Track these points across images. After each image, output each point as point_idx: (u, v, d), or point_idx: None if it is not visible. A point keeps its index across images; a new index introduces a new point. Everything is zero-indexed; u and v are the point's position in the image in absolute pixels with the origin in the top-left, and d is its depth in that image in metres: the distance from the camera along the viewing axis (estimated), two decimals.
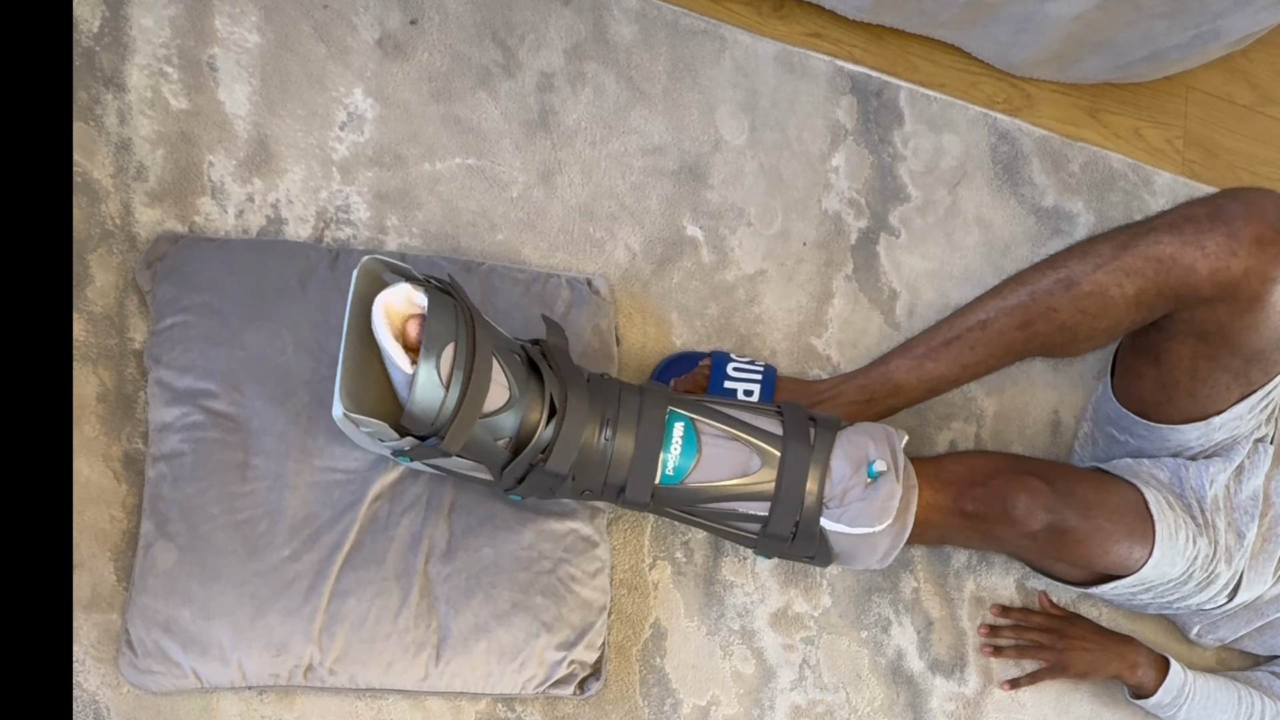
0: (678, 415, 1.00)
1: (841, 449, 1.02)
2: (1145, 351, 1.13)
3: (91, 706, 0.96)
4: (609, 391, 0.98)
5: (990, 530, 1.06)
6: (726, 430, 1.00)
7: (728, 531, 1.04)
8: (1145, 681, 1.21)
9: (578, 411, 0.94)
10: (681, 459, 0.99)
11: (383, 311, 0.90)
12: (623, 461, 0.97)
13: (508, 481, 0.96)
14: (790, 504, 1.00)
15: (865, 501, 1.00)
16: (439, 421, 0.89)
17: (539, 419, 0.93)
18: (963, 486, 1.06)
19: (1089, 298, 1.06)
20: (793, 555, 1.05)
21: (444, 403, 0.88)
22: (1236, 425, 1.12)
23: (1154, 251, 1.02)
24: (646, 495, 0.99)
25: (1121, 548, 1.08)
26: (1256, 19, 1.28)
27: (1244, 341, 1.03)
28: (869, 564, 1.05)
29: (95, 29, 1.05)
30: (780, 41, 1.29)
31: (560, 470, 0.95)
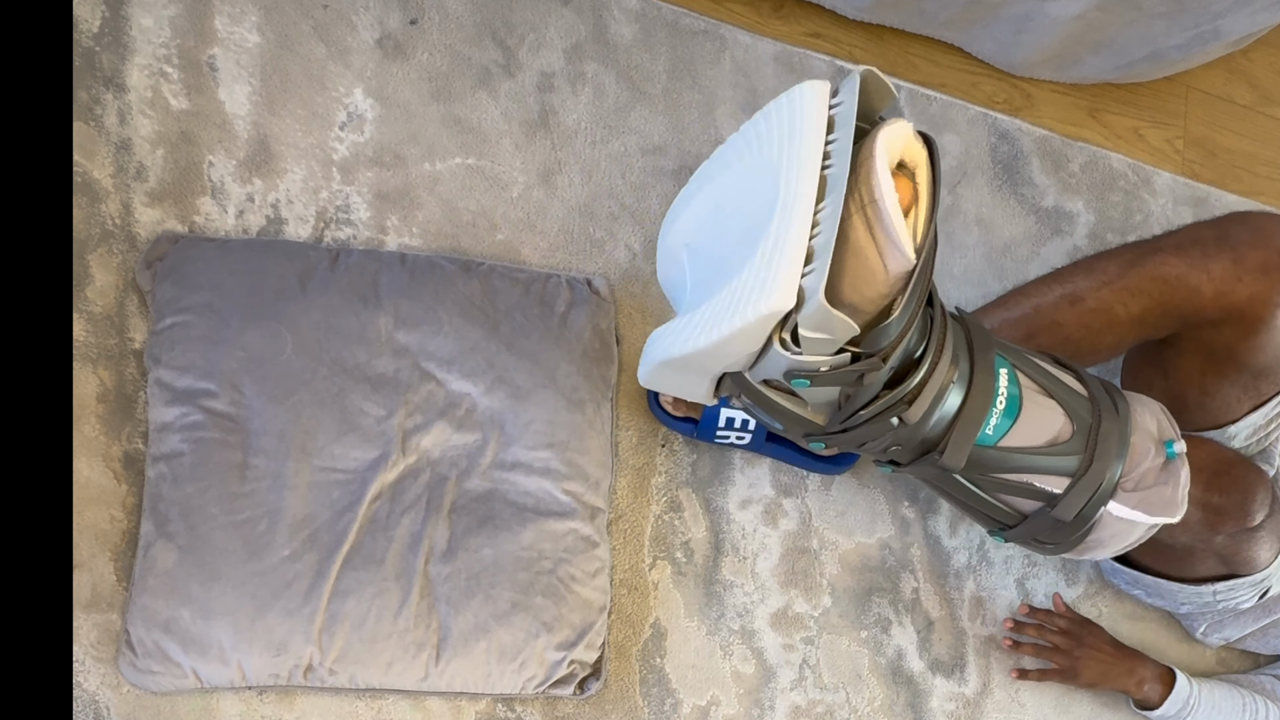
0: (1002, 360, 0.85)
1: (1142, 422, 0.90)
2: (1154, 364, 1.13)
3: (91, 706, 0.96)
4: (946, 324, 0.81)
5: (1220, 525, 0.99)
6: (1042, 386, 0.87)
7: (987, 508, 0.91)
8: (1151, 696, 1.21)
9: (948, 353, 0.79)
10: (1003, 417, 0.83)
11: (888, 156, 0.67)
12: (949, 414, 0.81)
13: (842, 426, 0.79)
14: (1091, 483, 0.87)
15: (1165, 486, 0.89)
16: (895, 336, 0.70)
17: (919, 355, 0.77)
18: (1211, 475, 0.98)
19: (1094, 314, 1.06)
20: (1042, 540, 0.93)
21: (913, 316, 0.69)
22: (1254, 433, 1.12)
23: (1160, 272, 1.01)
24: (964, 459, 0.83)
25: (1270, 544, 1.05)
26: (1256, 19, 1.28)
27: (1250, 360, 1.03)
28: (1108, 554, 0.94)
29: (95, 29, 1.05)
30: (780, 41, 1.29)
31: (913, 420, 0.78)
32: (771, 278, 0.65)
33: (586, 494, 1.07)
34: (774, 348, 0.70)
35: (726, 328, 0.69)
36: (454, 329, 1.05)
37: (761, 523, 1.18)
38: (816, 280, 0.65)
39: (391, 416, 1.02)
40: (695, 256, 0.81)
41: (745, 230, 0.72)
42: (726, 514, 1.17)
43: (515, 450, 1.05)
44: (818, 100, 0.69)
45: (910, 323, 0.70)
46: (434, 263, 1.08)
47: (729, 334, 0.69)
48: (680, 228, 0.83)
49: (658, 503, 1.15)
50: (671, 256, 0.85)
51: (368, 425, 1.01)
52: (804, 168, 0.66)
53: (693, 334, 0.73)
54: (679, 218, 0.84)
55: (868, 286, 0.70)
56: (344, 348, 1.01)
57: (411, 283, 1.05)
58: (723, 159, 0.79)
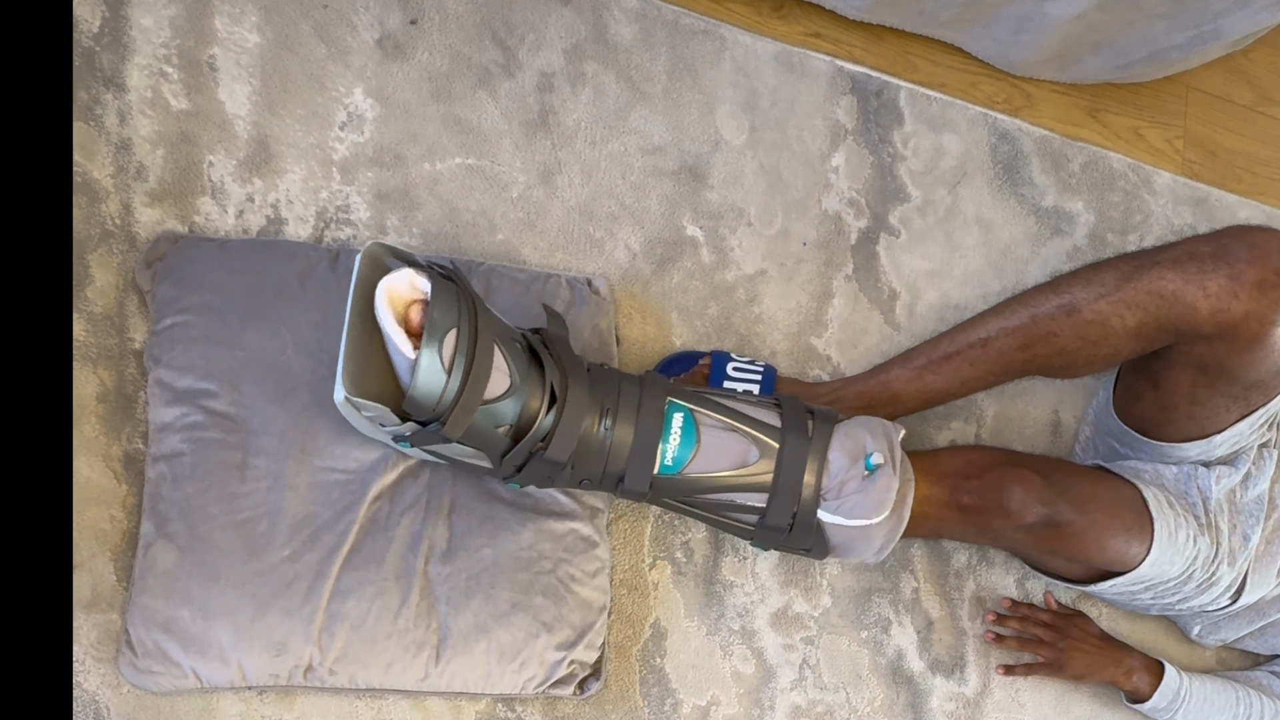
0: (677, 405, 1.00)
1: (839, 441, 1.02)
2: (1145, 375, 1.14)
3: (91, 706, 0.96)
4: (609, 381, 0.99)
5: (986, 523, 1.07)
6: (725, 421, 1.00)
7: (725, 523, 1.04)
8: (1140, 687, 1.22)
9: (578, 400, 0.95)
10: (680, 449, 0.99)
11: (386, 296, 0.90)
12: (622, 451, 0.98)
13: (506, 469, 0.96)
14: (788, 495, 1.00)
15: (862, 494, 1.00)
16: (440, 407, 0.89)
17: (539, 407, 0.93)
18: (958, 479, 1.06)
19: (1090, 325, 1.07)
20: (789, 547, 1.05)
21: (446, 388, 0.88)
22: (1237, 440, 1.13)
23: (1156, 286, 1.02)
24: (645, 485, 0.99)
25: (1118, 543, 1.08)
26: (1256, 19, 1.28)
27: (1242, 375, 1.04)
28: (864, 556, 1.05)
29: (95, 29, 1.05)
30: (780, 41, 1.29)
31: (559, 459, 0.95)
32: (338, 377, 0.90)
33: (586, 494, 1.07)
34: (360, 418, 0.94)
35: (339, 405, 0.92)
36: None
37: None
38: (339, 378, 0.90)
39: None
40: None
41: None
42: None
43: None
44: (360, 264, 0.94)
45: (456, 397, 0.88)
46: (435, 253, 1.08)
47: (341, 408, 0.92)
48: None
49: None
50: None
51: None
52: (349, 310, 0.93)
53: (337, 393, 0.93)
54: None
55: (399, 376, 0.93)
56: None
57: None
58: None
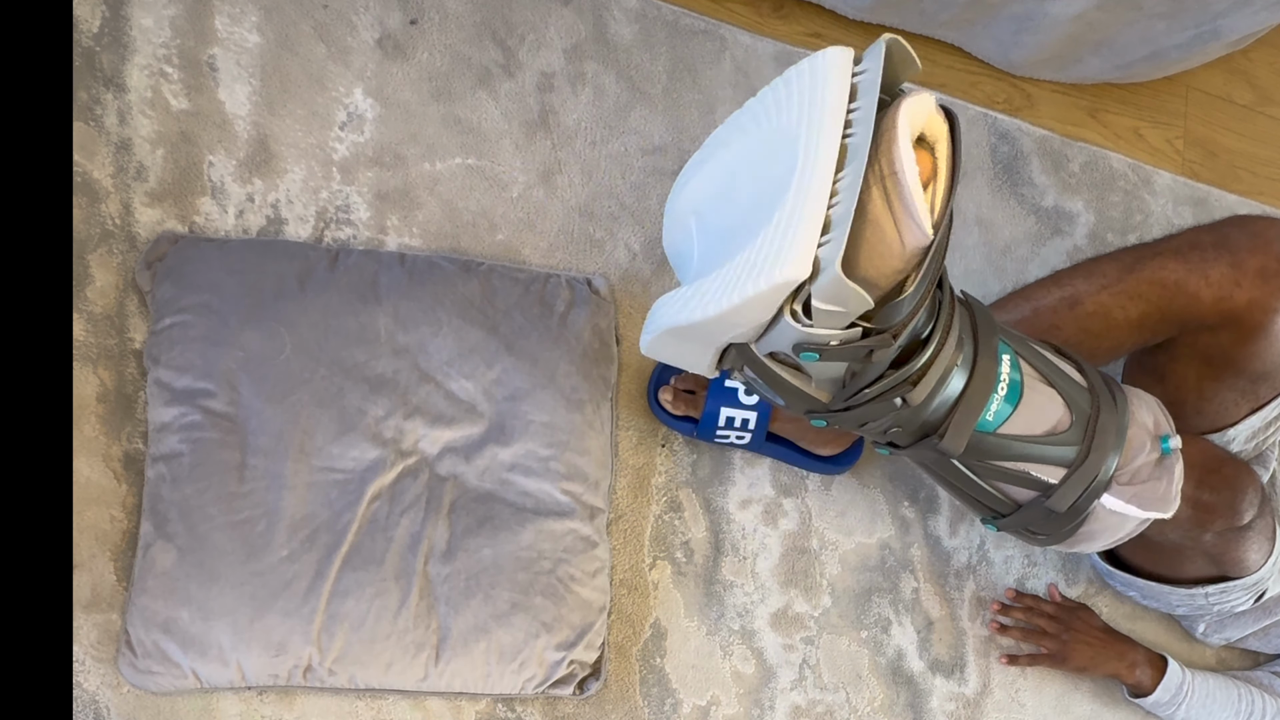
0: (1005, 346, 0.84)
1: (1138, 415, 0.90)
2: (1151, 371, 1.14)
3: (91, 706, 0.96)
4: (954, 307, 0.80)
5: (1209, 522, 0.99)
6: (1043, 374, 0.86)
7: (983, 496, 0.91)
8: (1143, 681, 1.21)
9: (954, 335, 0.77)
10: (1004, 403, 0.82)
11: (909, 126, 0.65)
12: (951, 398, 0.80)
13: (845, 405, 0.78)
14: (1087, 475, 0.86)
15: (1159, 481, 0.90)
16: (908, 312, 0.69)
17: (926, 335, 0.77)
18: (1203, 472, 0.98)
19: (1092, 317, 1.06)
20: (1035, 531, 0.93)
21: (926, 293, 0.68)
22: (1254, 437, 1.12)
23: (1159, 276, 1.02)
24: (963, 444, 0.82)
25: (1261, 546, 1.06)
26: (1256, 19, 1.28)
27: (1247, 365, 1.04)
28: (1098, 548, 0.95)
29: (95, 29, 1.05)
30: (780, 41, 1.29)
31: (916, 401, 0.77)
32: (787, 246, 0.64)
33: (586, 494, 1.07)
34: (784, 319, 0.68)
35: (738, 296, 0.68)
36: (453, 329, 1.05)
37: (761, 523, 1.18)
38: (833, 251, 0.63)
39: (390, 417, 1.01)
40: (704, 224, 0.80)
41: (759, 198, 0.70)
42: (726, 514, 1.17)
43: (514, 450, 1.05)
44: (841, 67, 0.67)
45: (922, 301, 0.69)
46: (434, 263, 1.08)
47: (740, 302, 0.68)
48: (690, 194, 0.81)
49: (658, 503, 1.15)
50: (679, 223, 0.83)
51: (366, 425, 1.01)
52: (825, 135, 0.64)
53: (701, 302, 0.71)
54: (688, 184, 0.82)
55: (883, 261, 0.68)
56: (343, 348, 1.01)
57: (411, 283, 1.05)
58: (738, 125, 0.77)
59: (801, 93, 0.68)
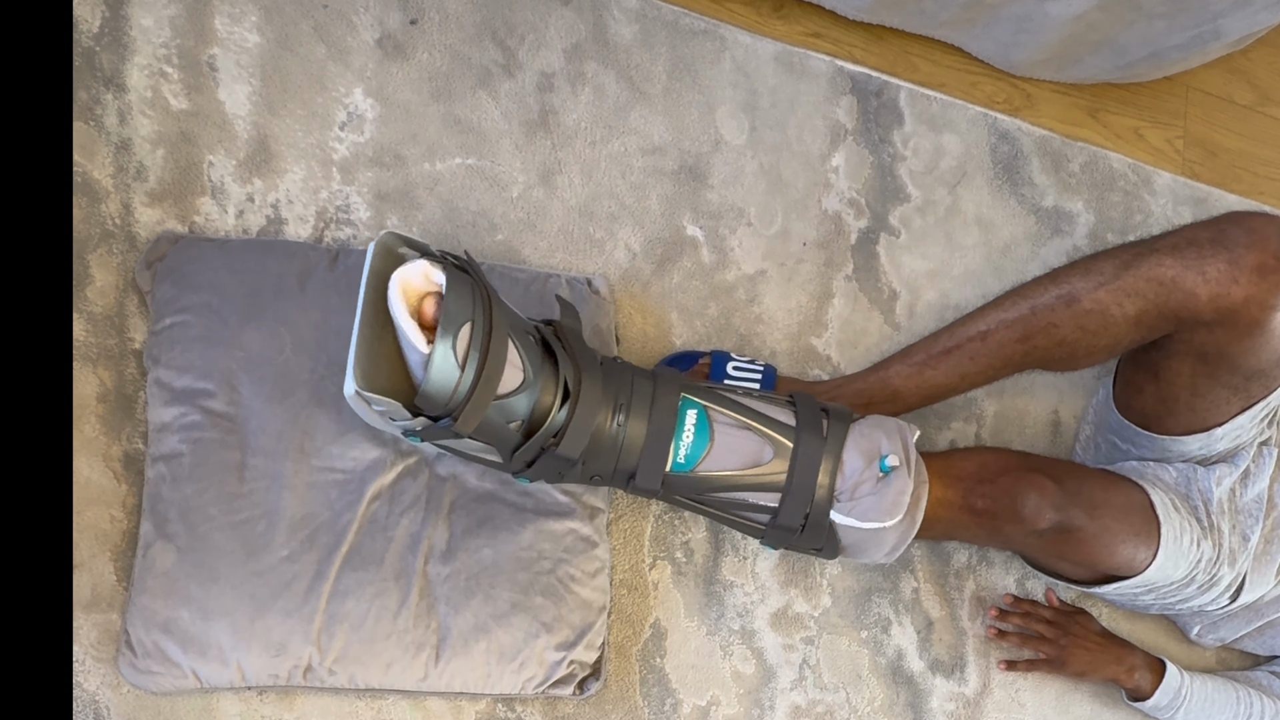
0: (691, 402, 0.99)
1: (854, 441, 1.01)
2: (1145, 367, 1.14)
3: (91, 706, 0.96)
4: (622, 375, 0.97)
5: (998, 528, 1.06)
6: (739, 419, 0.99)
7: (736, 521, 1.03)
8: (1142, 685, 1.21)
9: (591, 396, 0.93)
10: (693, 447, 0.97)
11: (399, 288, 0.88)
12: (634, 448, 0.96)
13: (517, 464, 0.95)
14: (801, 496, 0.99)
15: (876, 496, 0.99)
16: (453, 402, 0.88)
17: (552, 402, 0.92)
18: (972, 483, 1.05)
19: (1089, 315, 1.06)
20: (800, 547, 1.04)
21: (459, 383, 0.87)
22: (1238, 434, 1.13)
23: (1156, 273, 1.02)
24: (657, 482, 0.98)
25: (1126, 548, 1.08)
26: (1256, 19, 1.28)
27: (1243, 363, 1.04)
28: (876, 558, 1.04)
29: (95, 29, 1.05)
30: (780, 41, 1.29)
31: (571, 455, 0.94)
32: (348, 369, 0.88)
33: (586, 494, 1.07)
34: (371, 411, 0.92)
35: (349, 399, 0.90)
36: None
37: None
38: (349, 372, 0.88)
39: None
40: None
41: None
42: None
43: None
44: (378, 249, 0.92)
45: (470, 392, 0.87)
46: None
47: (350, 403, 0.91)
48: None
49: (658, 503, 1.15)
50: None
51: (366, 425, 1.01)
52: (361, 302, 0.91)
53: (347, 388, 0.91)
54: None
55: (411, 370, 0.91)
56: (343, 348, 1.01)
57: None
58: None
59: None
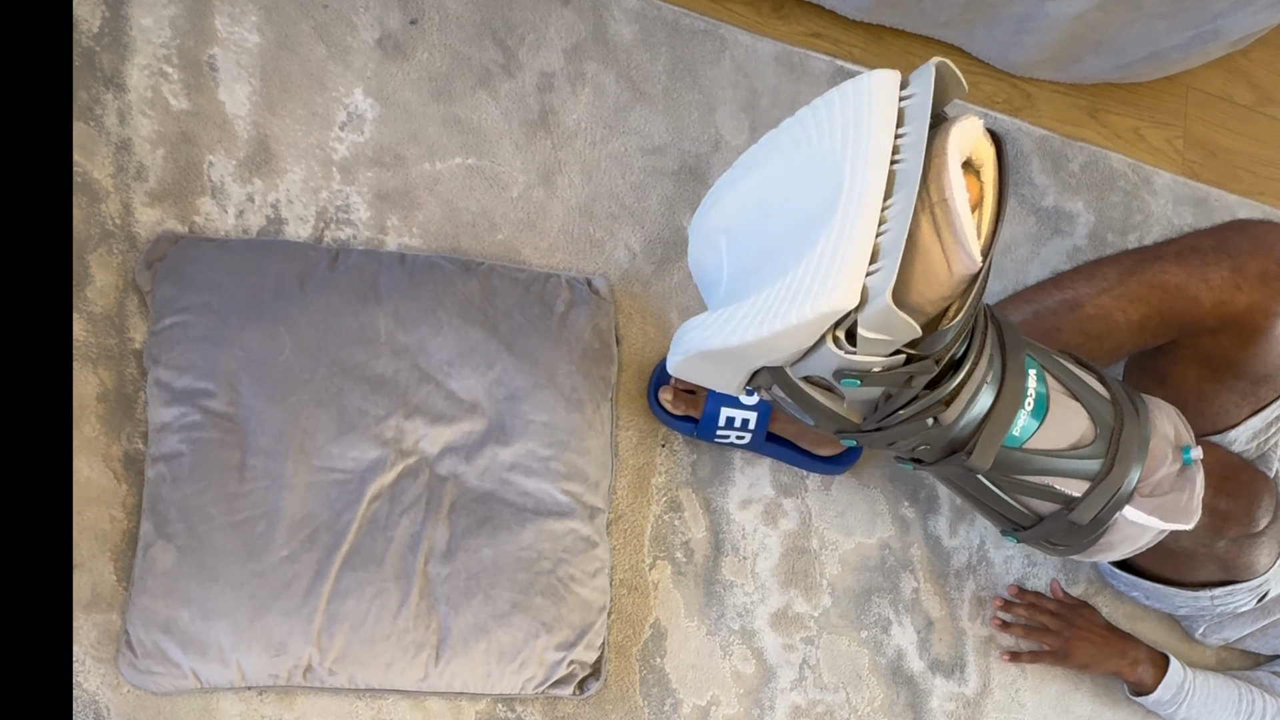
0: (1032, 360, 0.83)
1: (1160, 426, 0.89)
2: (1152, 373, 1.13)
3: (91, 706, 0.96)
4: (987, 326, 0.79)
5: (1225, 529, 1.00)
6: (1069, 387, 0.85)
7: (1008, 507, 0.90)
8: (1145, 679, 1.21)
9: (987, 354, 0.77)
10: (1030, 418, 0.82)
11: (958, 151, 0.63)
12: (979, 415, 0.79)
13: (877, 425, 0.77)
14: (1110, 487, 0.85)
15: (1181, 493, 0.88)
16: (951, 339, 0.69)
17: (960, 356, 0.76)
18: (1220, 480, 0.97)
19: (1093, 320, 1.06)
20: (1055, 542, 0.92)
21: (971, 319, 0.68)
22: (1255, 437, 1.12)
23: (1159, 280, 1.02)
24: (991, 460, 0.81)
25: (1270, 550, 1.07)
26: (1256, 19, 1.28)
27: (1248, 368, 1.04)
28: (1118, 557, 0.93)
29: (95, 29, 1.05)
30: (780, 41, 1.29)
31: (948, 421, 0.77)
32: (834, 274, 0.62)
33: (586, 494, 1.07)
34: (826, 345, 0.68)
35: (780, 323, 0.66)
36: (453, 329, 1.05)
37: (761, 523, 1.18)
38: (883, 280, 0.62)
39: (390, 417, 1.02)
40: (736, 244, 0.78)
41: (800, 222, 0.69)
42: (726, 514, 1.17)
43: (514, 450, 1.05)
44: (888, 91, 0.65)
45: (965, 328, 0.68)
46: (433, 263, 1.08)
47: (782, 330, 0.66)
48: (721, 212, 0.80)
49: (658, 503, 1.15)
50: (707, 242, 0.81)
51: (366, 425, 1.01)
52: (872, 161, 0.63)
53: (739, 326, 0.70)
54: (719, 202, 0.79)
55: (930, 288, 0.67)
56: (343, 348, 1.01)
57: (411, 283, 1.05)
58: (774, 144, 0.75)
59: (846, 116, 0.67)
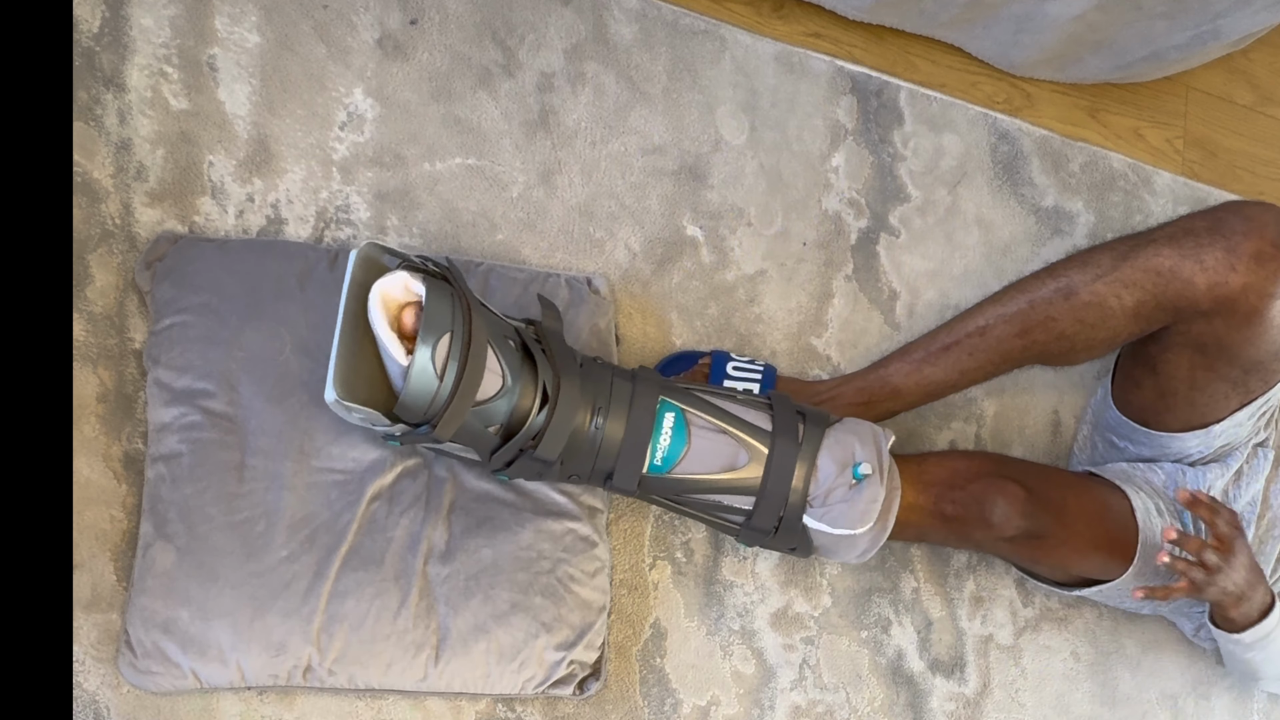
0: (669, 405, 1.00)
1: (828, 448, 1.02)
2: (1144, 361, 1.14)
3: (91, 706, 0.96)
4: (601, 377, 0.99)
5: (968, 533, 1.07)
6: (715, 423, 1.01)
7: (711, 520, 1.05)
8: (1252, 615, 1.09)
9: (569, 399, 0.95)
10: (670, 449, 0.99)
11: (379, 300, 0.90)
12: (612, 448, 0.98)
13: (496, 464, 0.97)
14: (774, 500, 1.00)
15: (848, 503, 1.01)
16: (432, 410, 0.89)
17: (531, 406, 0.94)
18: (943, 489, 1.06)
19: (1088, 308, 1.06)
20: (774, 546, 1.06)
21: (437, 393, 0.89)
22: (1235, 432, 1.12)
23: (1153, 264, 1.02)
24: (633, 483, 1.00)
25: (1099, 554, 1.08)
26: (1256, 19, 1.28)
27: (1241, 354, 1.03)
28: (847, 559, 1.06)
29: (95, 29, 1.05)
30: (780, 41, 1.29)
31: (549, 457, 0.95)
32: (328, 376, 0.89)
33: (585, 494, 1.07)
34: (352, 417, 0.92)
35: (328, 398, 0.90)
36: None
37: None
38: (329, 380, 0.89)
39: None
40: None
41: None
42: None
43: None
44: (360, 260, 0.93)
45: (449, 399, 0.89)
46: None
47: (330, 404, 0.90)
48: None
49: None
50: None
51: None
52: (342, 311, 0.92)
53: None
54: None
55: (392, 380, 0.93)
56: None
57: None
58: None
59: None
